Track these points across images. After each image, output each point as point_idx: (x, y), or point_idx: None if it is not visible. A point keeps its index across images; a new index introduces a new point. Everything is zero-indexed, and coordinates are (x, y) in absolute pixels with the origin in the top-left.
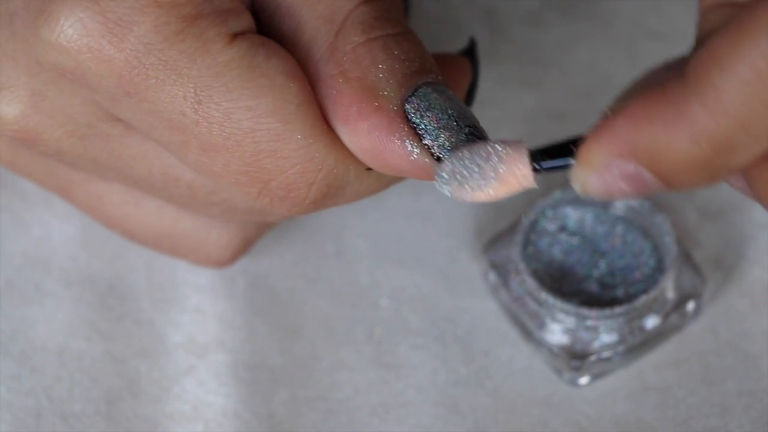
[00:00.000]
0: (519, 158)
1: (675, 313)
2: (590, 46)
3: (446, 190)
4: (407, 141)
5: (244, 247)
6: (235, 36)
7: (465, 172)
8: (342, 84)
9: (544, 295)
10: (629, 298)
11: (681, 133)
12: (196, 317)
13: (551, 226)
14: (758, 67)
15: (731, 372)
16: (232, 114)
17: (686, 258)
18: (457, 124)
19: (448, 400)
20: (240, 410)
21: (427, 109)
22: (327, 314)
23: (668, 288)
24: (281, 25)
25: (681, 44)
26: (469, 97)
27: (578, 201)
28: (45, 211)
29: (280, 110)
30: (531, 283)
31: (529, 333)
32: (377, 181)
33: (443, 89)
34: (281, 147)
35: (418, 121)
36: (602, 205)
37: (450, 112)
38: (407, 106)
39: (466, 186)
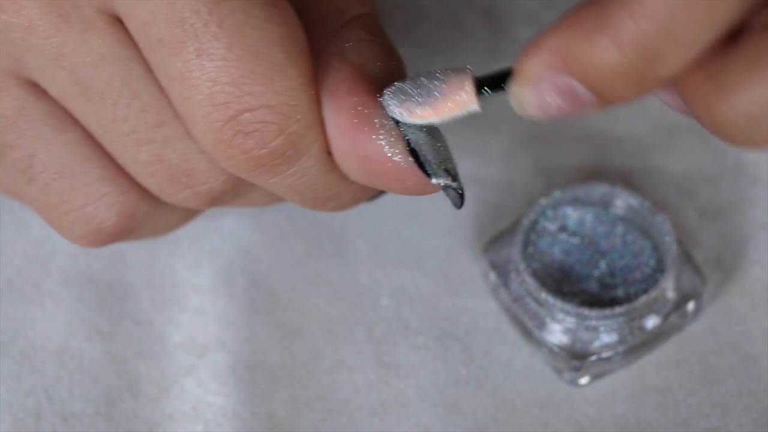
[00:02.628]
0: (463, 80)
1: (675, 313)
2: None
3: (391, 108)
4: (389, 133)
5: (126, 226)
6: None
7: (409, 91)
8: (340, 62)
9: (545, 295)
10: (629, 298)
11: (606, 39)
12: (196, 317)
13: (551, 226)
14: None
15: (731, 372)
16: (245, 25)
17: (686, 258)
18: (436, 143)
19: (448, 400)
20: (240, 410)
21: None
22: (327, 314)
23: (668, 288)
24: None
25: None
26: None
27: (578, 201)
28: None
29: (288, 44)
30: (531, 283)
31: (529, 333)
32: (327, 175)
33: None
34: (277, 78)
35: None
36: (602, 205)
37: (430, 130)
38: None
39: (409, 103)
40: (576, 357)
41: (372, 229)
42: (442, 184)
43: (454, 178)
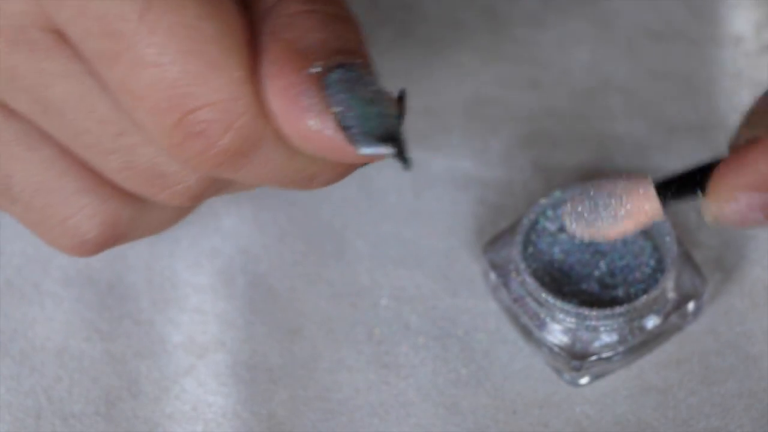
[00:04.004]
0: (645, 195)
1: (675, 313)
2: (590, 46)
3: (575, 231)
4: (316, 108)
5: (111, 234)
6: None
7: (593, 212)
8: (271, 42)
9: (545, 295)
10: (629, 298)
11: None
12: (196, 317)
13: (551, 226)
14: None
15: (732, 372)
16: (177, 26)
17: (686, 258)
18: (372, 110)
19: (448, 400)
20: (240, 410)
21: (345, 87)
22: (327, 314)
23: (668, 288)
24: None
25: (681, 44)
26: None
27: None
28: None
29: (223, 38)
30: (531, 283)
31: (529, 333)
32: (292, 159)
33: (365, 75)
34: (214, 75)
35: (332, 94)
36: None
37: (367, 97)
38: (327, 78)
39: (595, 225)
40: (576, 357)
41: (372, 229)
42: (373, 153)
43: (393, 143)
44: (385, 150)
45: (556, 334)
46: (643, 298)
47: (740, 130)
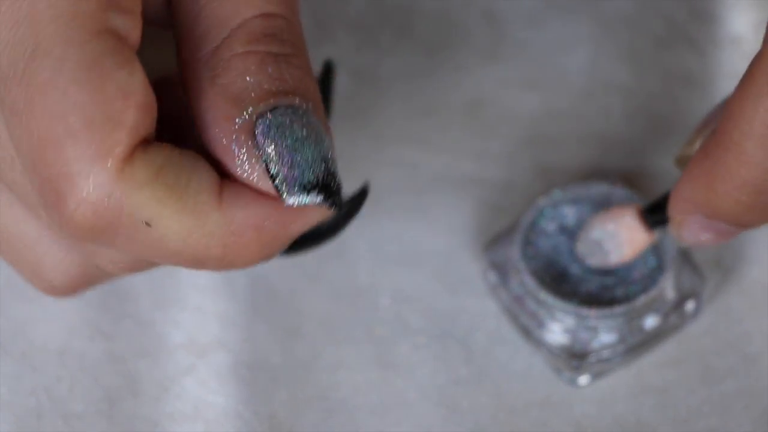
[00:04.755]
0: (632, 225)
1: (674, 313)
2: (590, 46)
3: (590, 263)
4: (245, 157)
5: (84, 278)
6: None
7: (597, 249)
8: (207, 87)
9: (544, 295)
10: (629, 297)
11: (724, 185)
12: (197, 317)
13: (551, 225)
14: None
15: (731, 372)
16: (48, 86)
17: (686, 258)
18: (304, 155)
19: (448, 400)
20: (240, 410)
21: (276, 133)
22: (327, 314)
23: (668, 288)
24: (183, 13)
25: (681, 45)
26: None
27: (578, 200)
28: None
29: (88, 107)
30: (531, 282)
31: (529, 333)
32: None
33: (302, 116)
34: (67, 146)
35: (262, 141)
36: (602, 205)
37: (300, 140)
38: (258, 125)
39: (606, 259)
40: (575, 357)
41: (372, 229)
42: (300, 203)
43: (322, 191)
44: (311, 199)
45: (556, 333)
46: (642, 298)
47: (683, 148)
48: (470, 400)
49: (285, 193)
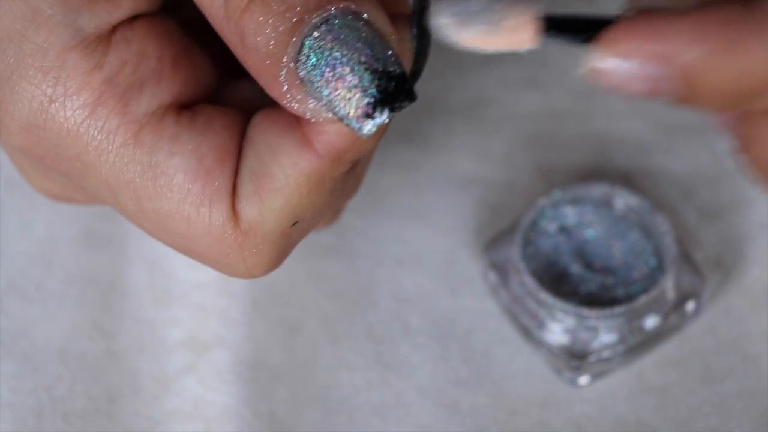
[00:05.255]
0: (526, 17)
1: (675, 313)
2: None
3: (443, 28)
4: (297, 101)
5: (279, 255)
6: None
7: (469, 14)
8: (242, 52)
9: (544, 295)
10: (629, 297)
11: (734, 63)
12: (197, 315)
13: (551, 225)
14: None
15: (731, 372)
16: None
17: (686, 258)
18: (361, 77)
19: (448, 400)
20: (240, 408)
21: (322, 57)
22: (327, 313)
23: (668, 288)
24: None
25: None
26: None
27: (578, 201)
28: (48, 210)
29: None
30: (531, 282)
31: (529, 333)
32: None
33: (347, 24)
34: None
35: (305, 75)
36: (602, 205)
37: (354, 60)
38: (303, 55)
39: (468, 28)
40: (575, 357)
41: (372, 229)
42: (372, 129)
43: (385, 105)
44: (380, 120)
45: (556, 333)
46: (643, 298)
47: None
48: (470, 399)
49: (355, 128)
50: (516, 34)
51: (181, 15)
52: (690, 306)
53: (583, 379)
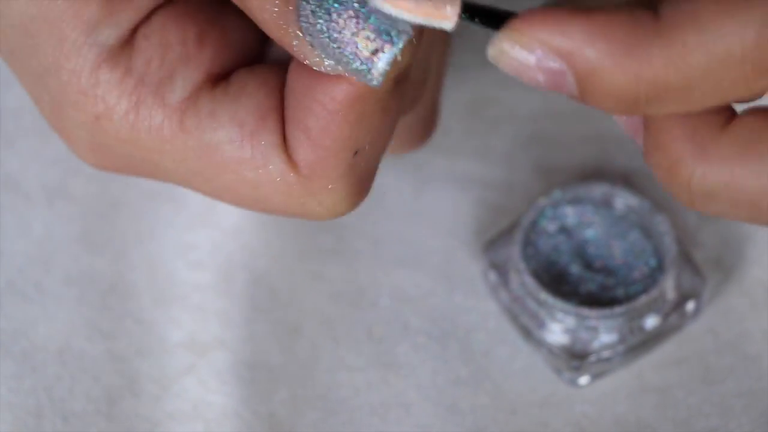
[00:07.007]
0: None
1: (675, 313)
2: None
3: None
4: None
5: (355, 188)
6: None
7: None
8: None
9: (544, 295)
10: (629, 297)
11: (630, 67)
12: (197, 316)
13: (551, 225)
14: (733, 52)
15: (731, 372)
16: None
17: (686, 258)
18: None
19: (448, 400)
20: (240, 409)
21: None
22: (327, 314)
23: (668, 288)
24: None
25: None
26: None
27: (578, 201)
28: (47, 211)
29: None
30: (531, 282)
31: (529, 333)
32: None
33: None
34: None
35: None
36: (603, 205)
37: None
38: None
39: None
40: (576, 357)
41: (372, 229)
42: (385, 67)
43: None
44: (394, 52)
45: (556, 333)
46: (643, 298)
47: None
48: (470, 399)
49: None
50: (438, 8)
51: None
52: (690, 306)
53: (583, 379)
